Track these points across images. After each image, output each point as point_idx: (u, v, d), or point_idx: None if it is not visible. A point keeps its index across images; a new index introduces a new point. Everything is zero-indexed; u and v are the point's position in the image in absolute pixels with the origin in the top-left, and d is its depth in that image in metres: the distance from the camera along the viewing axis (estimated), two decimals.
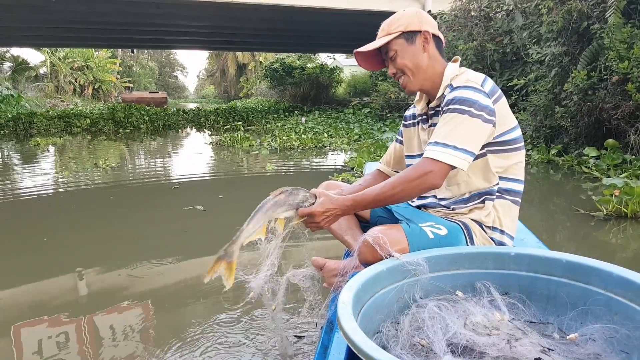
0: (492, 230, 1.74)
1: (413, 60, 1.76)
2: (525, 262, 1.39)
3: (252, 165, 8.24)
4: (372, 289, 1.34)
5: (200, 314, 2.48)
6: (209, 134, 14.23)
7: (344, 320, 1.07)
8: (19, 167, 8.42)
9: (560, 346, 1.21)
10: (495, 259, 1.43)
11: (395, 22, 1.77)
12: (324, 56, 31.20)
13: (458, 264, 1.44)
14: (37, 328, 2.45)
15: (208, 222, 4.39)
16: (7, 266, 3.36)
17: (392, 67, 1.79)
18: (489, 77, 1.76)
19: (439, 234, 1.66)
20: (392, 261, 1.42)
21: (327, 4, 12.55)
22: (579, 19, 6.72)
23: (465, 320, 1.25)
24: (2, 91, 20.69)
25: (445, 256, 1.44)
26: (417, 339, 1.23)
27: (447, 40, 9.42)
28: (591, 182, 5.55)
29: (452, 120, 1.60)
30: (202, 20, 16.03)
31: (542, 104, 7.22)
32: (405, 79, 1.78)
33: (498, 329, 1.23)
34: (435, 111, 1.80)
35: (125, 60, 43.23)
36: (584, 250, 3.55)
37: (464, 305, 1.30)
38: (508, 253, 1.42)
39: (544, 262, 1.37)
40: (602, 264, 1.26)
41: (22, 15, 14.01)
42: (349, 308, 1.13)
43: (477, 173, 1.73)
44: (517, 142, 1.73)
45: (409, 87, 1.80)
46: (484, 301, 1.32)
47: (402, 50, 1.75)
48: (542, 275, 1.37)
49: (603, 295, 1.24)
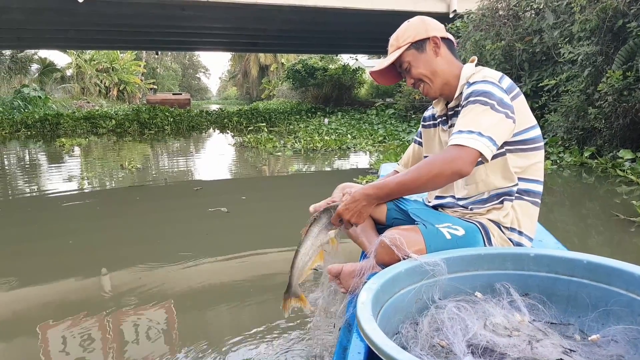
0: (510, 231, 1.72)
1: (428, 67, 1.76)
2: (545, 262, 1.38)
3: (276, 166, 8.20)
4: (390, 289, 1.33)
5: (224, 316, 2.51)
6: (232, 135, 14.28)
7: (363, 321, 1.06)
8: (44, 168, 8.54)
9: (582, 347, 1.19)
10: (514, 259, 1.41)
11: (402, 35, 1.78)
12: (346, 57, 31.03)
13: (477, 265, 1.43)
14: (61, 328, 2.48)
15: (231, 223, 4.36)
16: (31, 266, 3.38)
17: (410, 79, 1.80)
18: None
19: (456, 234, 1.63)
20: (410, 262, 1.41)
21: (350, 4, 12.47)
22: (614, 17, 6.50)
23: (485, 322, 1.23)
24: (30, 93, 21.06)
25: (464, 257, 1.44)
26: (436, 339, 1.23)
27: (474, 39, 9.24)
28: (626, 186, 5.35)
29: (474, 110, 1.57)
30: (226, 22, 16.10)
31: (574, 104, 7.01)
32: (425, 86, 1.79)
33: (519, 330, 1.22)
34: (454, 111, 1.79)
35: (149, 62, 43.78)
36: (623, 257, 3.38)
37: (483, 306, 1.29)
38: (527, 254, 1.41)
39: (565, 262, 1.35)
40: (623, 265, 1.24)
41: (49, 18, 14.25)
42: (368, 308, 1.12)
43: (497, 172, 1.69)
44: (537, 141, 1.70)
45: (430, 93, 1.80)
46: (503, 302, 1.31)
47: (415, 60, 1.76)
48: (562, 276, 1.36)
49: (625, 296, 1.21)
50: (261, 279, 3.10)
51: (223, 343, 2.19)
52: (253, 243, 3.77)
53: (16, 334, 2.47)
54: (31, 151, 11.26)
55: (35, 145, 12.25)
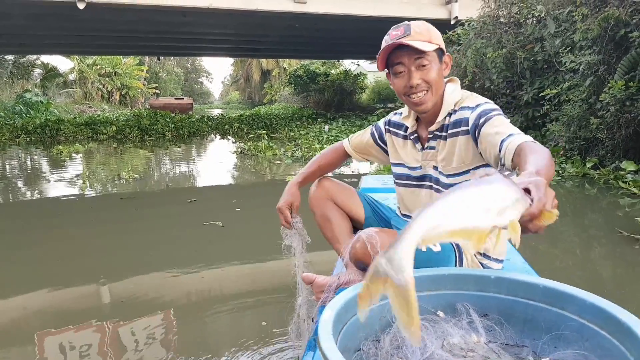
0: (482, 256, 1.77)
1: (438, 78, 1.70)
2: (505, 285, 1.42)
3: (275, 174, 8.15)
4: (355, 307, 1.33)
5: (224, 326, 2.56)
6: (233, 141, 14.23)
7: (322, 339, 1.10)
8: (38, 176, 8.50)
9: None
10: (476, 281, 1.45)
11: (434, 33, 1.70)
12: (348, 62, 31.08)
13: (441, 285, 1.47)
14: (59, 337, 2.51)
15: (226, 234, 4.33)
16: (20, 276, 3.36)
17: (418, 78, 1.66)
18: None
19: (432, 249, 1.64)
20: None
21: (352, 11, 12.45)
22: (616, 26, 6.44)
23: (443, 342, 1.27)
24: (32, 98, 21.07)
25: (429, 276, 1.47)
26: (395, 358, 1.26)
27: (475, 47, 9.18)
28: (629, 198, 5.27)
29: (502, 120, 1.54)
30: (227, 28, 16.10)
31: (576, 114, 6.94)
32: (427, 95, 1.70)
33: (474, 351, 1.26)
34: (434, 135, 1.77)
35: (152, 67, 43.86)
36: (626, 275, 3.32)
37: (443, 326, 1.33)
38: (489, 276, 1.45)
39: (523, 286, 1.39)
40: (576, 291, 1.27)
41: (50, 23, 14.27)
42: (329, 326, 1.15)
43: None
44: None
45: (427, 104, 1.71)
46: (462, 322, 1.34)
47: (434, 64, 1.68)
48: (520, 299, 1.39)
49: (576, 322, 1.26)
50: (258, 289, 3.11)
51: (222, 353, 2.22)
52: (247, 254, 3.75)
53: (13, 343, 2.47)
54: (27, 159, 11.23)
55: (33, 152, 12.23)
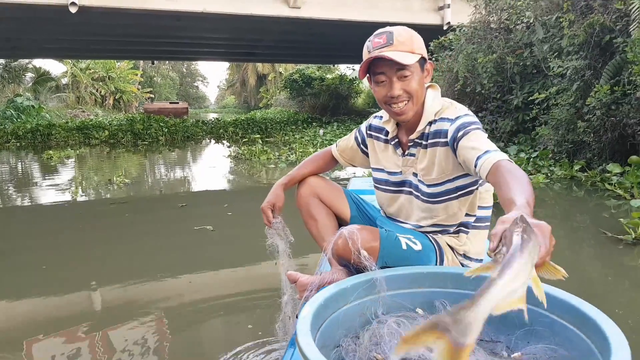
0: (462, 257, 1.81)
1: (419, 88, 1.65)
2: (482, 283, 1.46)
3: (267, 178, 8.20)
4: (335, 304, 1.40)
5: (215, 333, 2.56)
6: (228, 145, 14.26)
7: (300, 335, 1.13)
8: (26, 182, 8.45)
9: None
10: (453, 279, 1.49)
11: (417, 41, 1.65)
12: (343, 67, 31.13)
13: (419, 283, 1.51)
14: (47, 343, 2.48)
15: (217, 239, 4.37)
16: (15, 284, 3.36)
17: (399, 89, 1.62)
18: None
19: (413, 248, 1.69)
20: (356, 278, 1.49)
21: (346, 16, 12.50)
22: (601, 32, 6.54)
23: None
24: (23, 102, 20.78)
25: (408, 275, 1.51)
26: (374, 353, 1.31)
27: (466, 52, 9.26)
28: (615, 200, 5.35)
29: (479, 135, 1.53)
30: (222, 33, 16.12)
31: (564, 118, 7.03)
32: (407, 105, 1.65)
33: None
34: (414, 143, 1.74)
35: (146, 71, 43.78)
36: (611, 275, 3.40)
37: (421, 322, 1.37)
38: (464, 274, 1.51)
39: None
40: (548, 288, 1.31)
41: (42, 27, 14.21)
42: (307, 323, 1.18)
43: (467, 206, 1.74)
44: None
45: (408, 114, 1.67)
46: None
47: (416, 74, 1.63)
48: None
49: (548, 317, 1.31)
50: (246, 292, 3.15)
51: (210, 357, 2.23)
52: (237, 257, 3.78)
53: (1, 350, 2.46)
54: (16, 164, 11.18)
55: (23, 157, 12.18)
